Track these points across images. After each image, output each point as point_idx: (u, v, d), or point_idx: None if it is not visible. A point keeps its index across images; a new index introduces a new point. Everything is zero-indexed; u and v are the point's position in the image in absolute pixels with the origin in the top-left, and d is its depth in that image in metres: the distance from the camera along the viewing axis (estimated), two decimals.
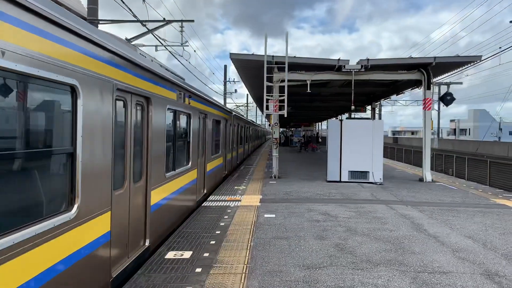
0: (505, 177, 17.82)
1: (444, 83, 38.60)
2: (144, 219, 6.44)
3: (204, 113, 11.41)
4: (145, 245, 6.40)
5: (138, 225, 6.18)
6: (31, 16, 3.30)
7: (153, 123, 6.62)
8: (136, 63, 5.78)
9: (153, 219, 6.74)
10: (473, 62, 16.57)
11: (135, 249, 6.02)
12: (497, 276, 5.63)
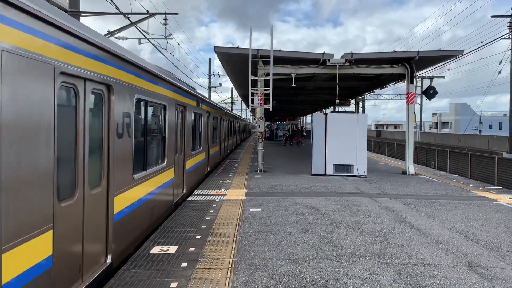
0: (485, 170, 18.17)
1: (427, 77, 39.09)
2: (105, 232, 5.45)
3: (183, 105, 10.63)
4: (106, 262, 5.44)
5: (96, 241, 5.17)
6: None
7: (115, 115, 5.63)
8: (88, 39, 4.63)
9: (117, 230, 5.76)
10: (455, 56, 16.79)
11: (93, 269, 5.04)
12: (479, 267, 5.74)
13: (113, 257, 5.59)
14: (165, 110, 8.78)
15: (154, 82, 7.64)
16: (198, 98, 13.36)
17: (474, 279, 5.30)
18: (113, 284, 4.99)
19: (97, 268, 5.18)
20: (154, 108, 8.02)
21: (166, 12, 17.79)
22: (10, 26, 3.22)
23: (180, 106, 10.36)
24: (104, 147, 5.44)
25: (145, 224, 7.28)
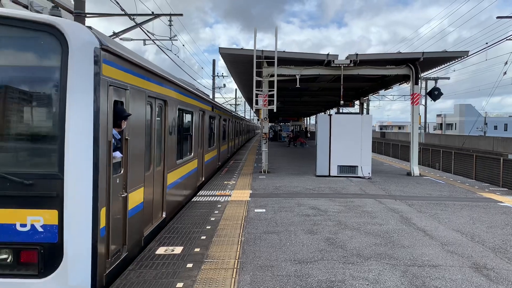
0: (490, 171, 18.10)
1: (431, 78, 38.97)
2: (161, 196, 7.79)
3: (203, 111, 12.89)
4: (162, 216, 7.86)
5: (158, 201, 7.58)
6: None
7: (168, 120, 8.02)
8: (162, 75, 7.44)
9: (168, 197, 8.14)
10: (460, 57, 16.75)
11: (156, 218, 7.44)
12: (485, 269, 5.72)
13: (166, 213, 8.01)
14: (192, 115, 11.22)
15: (187, 96, 10.24)
16: (213, 104, 15.65)
17: (480, 280, 5.29)
18: (119, 284, 5.01)
19: (158, 218, 7.58)
20: (186, 114, 10.52)
21: (171, 14, 17.85)
22: (133, 75, 5.81)
23: (201, 111, 12.62)
24: (162, 140, 7.77)
25: (181, 197, 9.83)
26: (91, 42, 4.48)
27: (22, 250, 4.26)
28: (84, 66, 4.37)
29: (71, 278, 4.26)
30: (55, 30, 4.28)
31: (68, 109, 4.27)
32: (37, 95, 4.52)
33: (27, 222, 4.25)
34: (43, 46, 4.34)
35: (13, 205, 4.25)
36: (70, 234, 4.27)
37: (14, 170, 4.29)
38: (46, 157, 4.44)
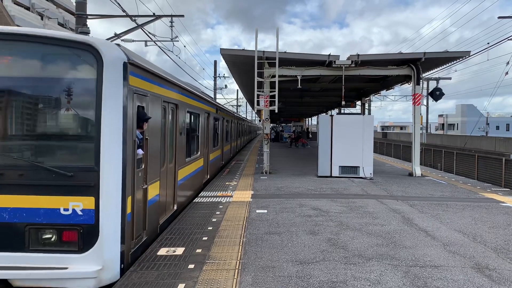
0: (492, 172, 18.05)
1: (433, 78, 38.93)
2: (173, 190, 8.56)
3: (208, 113, 13.56)
4: (174, 209, 8.62)
5: (171, 194, 8.37)
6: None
7: (179, 121, 8.78)
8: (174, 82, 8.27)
9: (178, 191, 8.93)
10: (462, 57, 16.73)
11: (169, 210, 8.22)
12: (487, 270, 5.71)
13: (177, 206, 8.77)
14: (199, 117, 11.91)
15: (195, 99, 10.95)
16: (217, 106, 16.47)
17: (482, 281, 5.28)
18: (121, 285, 5.02)
19: (170, 210, 8.33)
20: (194, 116, 11.19)
21: (172, 15, 17.88)
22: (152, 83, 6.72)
23: (206, 113, 13.28)
24: (174, 140, 8.49)
25: (190, 191, 10.60)
26: (120, 57, 5.39)
27: (65, 230, 5.12)
28: (116, 78, 5.29)
29: (104, 254, 5.11)
30: (92, 48, 5.19)
31: (103, 113, 5.17)
32: (77, 102, 5.41)
33: (69, 207, 5.12)
34: (82, 61, 5.28)
35: (58, 193, 5.10)
36: (104, 217, 5.13)
37: (59, 164, 5.17)
38: (85, 153, 5.36)
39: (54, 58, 5.32)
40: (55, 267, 5.01)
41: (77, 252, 5.10)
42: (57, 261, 5.04)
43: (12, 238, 5.07)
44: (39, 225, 5.09)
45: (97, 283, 5.03)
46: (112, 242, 5.20)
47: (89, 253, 5.08)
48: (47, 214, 5.08)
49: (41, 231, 5.11)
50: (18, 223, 5.07)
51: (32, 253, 5.08)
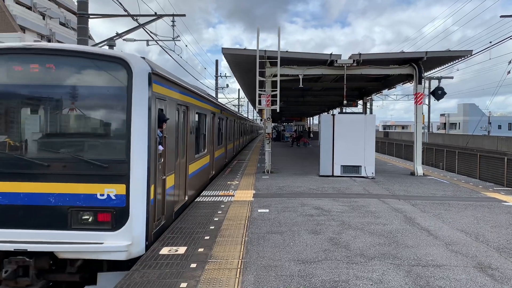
0: (494, 171, 18.03)
1: (435, 77, 38.86)
2: (185, 183, 9.53)
3: (213, 113, 14.39)
4: (185, 199, 9.64)
5: (182, 186, 9.31)
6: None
7: (189, 121, 9.79)
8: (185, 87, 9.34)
9: (189, 184, 9.90)
10: (464, 56, 16.68)
11: (180, 201, 9.14)
12: (490, 269, 5.70)
13: (187, 196, 9.82)
14: (206, 117, 12.83)
15: (202, 101, 11.89)
16: (221, 107, 17.54)
17: (484, 280, 5.27)
18: (123, 285, 5.03)
19: (182, 200, 9.32)
20: (201, 116, 12.07)
21: (173, 14, 17.87)
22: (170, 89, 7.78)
23: (212, 114, 14.12)
24: (186, 138, 9.48)
25: (198, 185, 11.53)
26: (146, 69, 6.42)
27: (101, 212, 6.07)
28: (142, 86, 6.29)
29: (133, 232, 6.09)
30: (123, 62, 6.22)
31: (132, 115, 6.17)
32: (111, 105, 6.44)
33: (104, 193, 6.07)
34: (116, 72, 6.27)
35: (95, 181, 6.07)
36: (133, 201, 6.10)
37: (96, 157, 6.16)
38: (117, 148, 6.34)
39: (93, 69, 6.35)
40: (93, 242, 5.98)
41: (110, 230, 6.05)
42: (94, 238, 6.01)
43: (57, 218, 6.06)
44: (80, 208, 6.08)
45: (127, 256, 6.03)
46: (139, 222, 6.19)
47: (121, 231, 6.05)
48: (86, 198, 6.08)
49: (81, 213, 6.09)
50: (62, 206, 6.06)
51: (74, 231, 6.04)
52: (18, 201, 6.03)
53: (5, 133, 6.35)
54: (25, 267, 5.82)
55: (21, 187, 6.05)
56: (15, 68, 6.32)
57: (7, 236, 5.92)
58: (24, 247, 5.81)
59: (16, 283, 5.79)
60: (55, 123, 6.54)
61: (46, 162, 6.12)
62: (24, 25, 33.69)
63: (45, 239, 5.96)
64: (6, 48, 6.36)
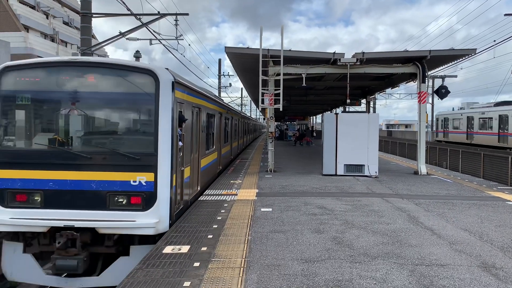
0: (498, 170, 17.94)
1: (438, 76, 38.71)
2: (197, 175, 10.76)
3: (220, 113, 15.45)
4: (198, 189, 10.83)
5: (195, 177, 10.48)
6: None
7: (201, 121, 11.01)
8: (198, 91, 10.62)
9: (201, 175, 11.21)
10: (468, 55, 16.61)
11: (194, 190, 10.28)
12: (494, 268, 5.68)
13: (200, 187, 11.07)
14: (214, 117, 13.85)
15: (211, 103, 13.07)
16: (227, 107, 18.96)
17: (488, 280, 5.25)
18: (126, 283, 5.04)
19: (195, 191, 10.51)
20: (210, 116, 13.04)
21: (177, 13, 17.89)
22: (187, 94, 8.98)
23: (219, 114, 15.22)
24: (198, 136, 10.70)
25: (208, 178, 12.83)
26: (170, 78, 7.68)
27: (133, 196, 7.30)
28: (167, 92, 7.53)
29: (160, 212, 7.32)
30: (152, 73, 7.48)
31: (159, 116, 7.41)
32: (143, 109, 7.80)
33: (136, 180, 7.31)
34: (146, 81, 7.50)
35: (129, 170, 7.31)
36: (160, 187, 7.32)
37: (130, 151, 7.42)
38: (147, 143, 7.53)
39: (127, 79, 7.60)
40: (127, 220, 7.21)
41: (141, 210, 7.28)
42: (128, 216, 7.23)
43: (98, 201, 7.28)
44: (116, 192, 7.31)
45: (155, 231, 7.25)
46: (165, 204, 7.40)
47: (150, 211, 7.27)
48: (121, 184, 7.31)
49: (117, 196, 7.32)
50: (102, 191, 7.29)
51: (111, 211, 7.27)
52: (66, 187, 7.31)
53: (55, 131, 7.72)
54: (73, 240, 7.02)
55: (68, 175, 7.32)
56: (63, 78, 7.63)
57: (58, 215, 7.22)
58: (72, 224, 7.06)
59: (66, 252, 7.01)
60: (95, 122, 7.98)
61: (88, 155, 7.40)
62: (28, 24, 33.78)
63: (88, 217, 7.19)
64: (55, 62, 7.87)
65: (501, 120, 29.91)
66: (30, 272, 7.44)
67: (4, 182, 7.37)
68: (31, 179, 7.34)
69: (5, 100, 7.59)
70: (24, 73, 7.62)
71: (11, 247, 7.48)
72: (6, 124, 7.66)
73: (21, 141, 7.76)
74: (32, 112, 7.76)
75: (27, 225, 7.22)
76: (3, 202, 7.35)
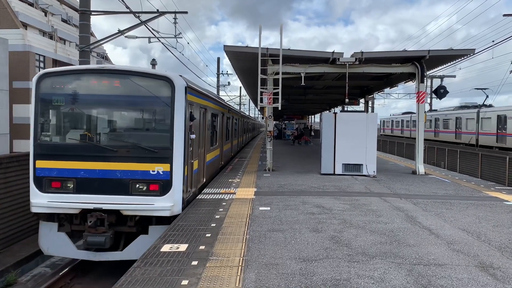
0: (496, 170, 18.00)
1: (437, 76, 38.73)
2: (203, 168, 11.90)
3: (222, 113, 16.56)
4: (203, 181, 11.94)
5: (201, 170, 11.63)
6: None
7: (206, 120, 12.13)
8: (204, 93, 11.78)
9: (206, 169, 12.38)
10: (466, 55, 16.62)
11: (199, 182, 11.36)
12: (492, 268, 5.69)
13: (205, 179, 12.24)
14: (217, 117, 14.98)
15: (214, 103, 14.13)
16: (228, 107, 20.03)
17: (486, 280, 5.26)
18: (124, 281, 5.03)
19: (201, 182, 11.62)
20: (214, 116, 14.25)
21: (175, 11, 17.85)
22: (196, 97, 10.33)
23: (221, 113, 16.36)
24: (204, 133, 11.80)
25: (212, 171, 13.99)
26: (183, 84, 8.97)
27: (152, 183, 8.58)
28: (181, 96, 8.82)
29: (174, 197, 8.67)
30: (168, 79, 8.78)
31: (175, 116, 8.72)
32: (161, 110, 9.00)
33: (155, 170, 8.59)
34: (164, 87, 8.81)
35: (149, 162, 8.57)
36: (174, 176, 8.64)
37: (149, 145, 8.67)
38: (164, 139, 8.76)
39: (147, 84, 8.86)
40: (146, 203, 8.53)
41: (159, 196, 8.57)
42: (147, 201, 8.54)
43: (122, 187, 8.56)
44: (137, 180, 8.58)
45: (170, 213, 8.58)
46: (178, 191, 8.72)
47: (166, 196, 8.58)
48: (142, 174, 8.57)
49: (139, 184, 8.59)
50: (126, 178, 8.57)
51: (133, 196, 8.55)
52: (95, 175, 8.57)
53: (86, 128, 9.00)
54: (101, 220, 8.39)
55: (97, 166, 8.58)
56: (92, 82, 8.92)
57: (88, 199, 8.49)
58: (100, 206, 8.40)
59: (96, 230, 8.36)
60: (119, 121, 9.29)
61: (114, 148, 8.68)
62: (26, 22, 33.66)
63: (114, 201, 8.46)
64: (86, 69, 9.22)
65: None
66: (64, 248, 8.81)
67: (42, 171, 8.65)
68: (65, 169, 8.62)
69: (43, 102, 8.84)
70: (59, 78, 8.89)
71: (47, 227, 8.82)
72: (44, 122, 8.94)
73: (57, 137, 9.06)
74: (65, 112, 9.03)
75: (63, 207, 8.56)
76: (41, 188, 8.61)
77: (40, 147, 8.75)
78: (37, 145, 8.76)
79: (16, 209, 11.35)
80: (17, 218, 11.35)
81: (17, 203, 11.36)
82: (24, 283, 9.37)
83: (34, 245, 10.19)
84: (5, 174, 11.03)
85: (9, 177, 11.20)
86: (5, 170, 11.04)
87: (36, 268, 10.22)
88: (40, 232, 8.91)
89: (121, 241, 8.93)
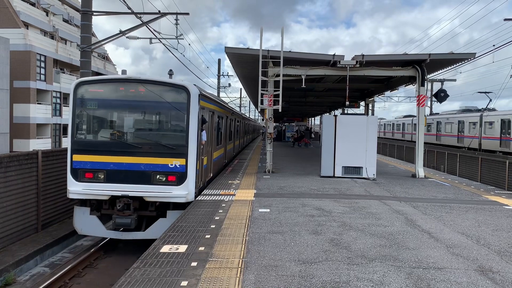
0: (496, 174, 17.97)
1: (438, 79, 38.76)
2: (211, 164, 13.28)
3: (226, 115, 17.91)
4: (211, 175, 13.40)
5: (209, 166, 12.96)
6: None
7: (213, 122, 13.54)
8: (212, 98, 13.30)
9: (213, 164, 13.88)
10: (467, 59, 16.63)
11: (207, 176, 12.58)
12: (491, 272, 5.69)
13: (212, 174, 13.72)
14: (222, 119, 16.27)
15: (220, 107, 15.54)
16: (231, 110, 21.85)
17: (485, 284, 5.26)
18: (123, 282, 5.03)
19: (208, 176, 12.94)
20: (220, 118, 15.57)
21: (177, 12, 17.87)
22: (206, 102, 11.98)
23: (225, 116, 17.81)
24: (212, 133, 13.15)
25: (217, 168, 15.47)
26: (197, 92, 10.44)
27: (170, 175, 9.97)
28: (195, 102, 10.26)
29: (189, 187, 10.04)
30: (185, 88, 10.26)
31: (190, 119, 10.15)
32: (178, 113, 10.34)
33: (173, 163, 10.01)
34: (181, 94, 10.26)
35: (168, 157, 10.01)
36: (189, 169, 10.04)
37: (168, 143, 10.09)
38: (181, 138, 10.20)
39: (167, 91, 10.35)
40: (165, 192, 9.96)
41: (176, 185, 9.97)
42: (166, 189, 9.96)
43: (145, 178, 9.96)
44: (158, 172, 9.98)
45: (185, 200, 9.99)
46: (192, 181, 10.08)
47: (182, 186, 9.98)
48: (162, 167, 9.99)
49: (159, 175, 9.98)
50: (148, 171, 9.97)
51: (154, 185, 9.96)
52: (123, 167, 9.99)
53: (114, 128, 10.43)
54: (128, 205, 9.89)
55: (124, 159, 9.98)
56: (120, 89, 10.37)
57: (116, 188, 9.92)
58: (127, 193, 9.88)
59: (123, 213, 9.86)
60: (143, 122, 10.60)
61: (139, 145, 10.08)
62: (28, 21, 33.70)
63: (138, 189, 9.90)
64: (115, 79, 10.69)
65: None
66: (95, 228, 10.20)
67: (77, 163, 10.10)
68: (97, 162, 10.04)
69: (79, 105, 10.28)
70: (93, 86, 10.39)
71: (81, 211, 10.26)
72: (79, 122, 10.38)
73: (90, 135, 10.49)
74: (98, 114, 10.49)
75: (95, 194, 9.99)
76: (76, 178, 10.06)
77: (77, 144, 10.21)
78: (74, 142, 10.21)
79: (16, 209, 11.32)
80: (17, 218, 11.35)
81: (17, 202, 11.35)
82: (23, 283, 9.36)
83: (33, 245, 10.21)
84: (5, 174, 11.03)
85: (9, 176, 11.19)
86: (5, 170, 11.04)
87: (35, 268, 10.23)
88: (74, 215, 10.31)
89: (143, 223, 10.35)
